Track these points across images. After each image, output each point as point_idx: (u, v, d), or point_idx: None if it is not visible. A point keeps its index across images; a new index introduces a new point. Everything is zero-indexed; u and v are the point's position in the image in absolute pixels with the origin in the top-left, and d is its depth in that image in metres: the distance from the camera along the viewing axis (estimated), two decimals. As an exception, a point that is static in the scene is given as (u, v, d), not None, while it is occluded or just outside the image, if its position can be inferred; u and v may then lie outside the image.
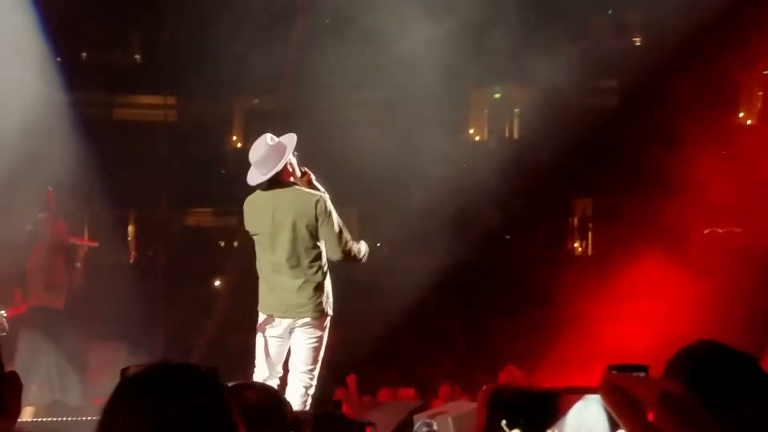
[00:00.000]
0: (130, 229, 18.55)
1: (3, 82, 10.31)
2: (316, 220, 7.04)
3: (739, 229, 14.39)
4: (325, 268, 7.23)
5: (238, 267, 15.91)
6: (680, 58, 13.51)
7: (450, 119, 15.18)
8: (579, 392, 1.04)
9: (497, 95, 18.14)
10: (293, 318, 7.29)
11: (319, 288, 7.20)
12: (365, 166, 13.69)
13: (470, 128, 18.42)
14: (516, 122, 18.20)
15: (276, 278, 7.49)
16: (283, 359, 7.45)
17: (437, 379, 11.31)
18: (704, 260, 12.38)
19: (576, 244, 17.79)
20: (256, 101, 19.57)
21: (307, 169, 7.39)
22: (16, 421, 2.02)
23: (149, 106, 18.58)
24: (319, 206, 7.01)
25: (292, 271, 7.27)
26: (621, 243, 13.15)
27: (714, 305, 10.73)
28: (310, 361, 7.32)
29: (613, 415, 0.95)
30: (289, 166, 7.15)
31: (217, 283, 16.77)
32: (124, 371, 2.03)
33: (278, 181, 7.14)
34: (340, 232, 7.12)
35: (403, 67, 13.77)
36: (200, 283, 16.57)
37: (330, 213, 7.07)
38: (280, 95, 16.32)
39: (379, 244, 17.48)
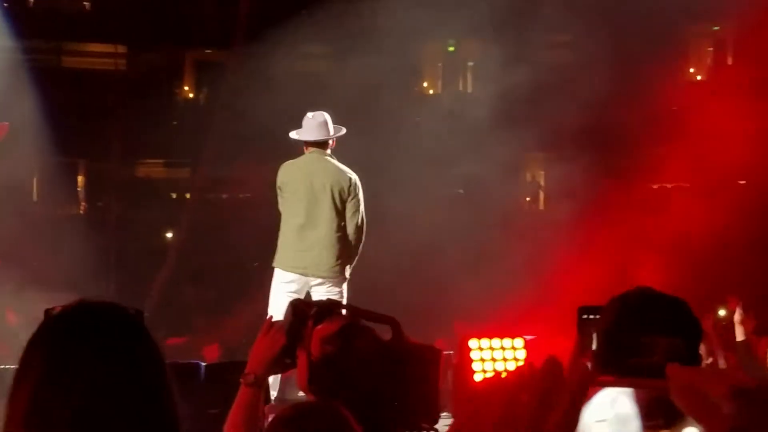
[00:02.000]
0: (80, 179, 18.34)
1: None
2: (348, 193, 7.83)
3: (688, 184, 14.53)
4: (349, 235, 7.93)
5: (191, 219, 15.85)
6: (631, 14, 13.52)
7: (403, 73, 15.13)
8: (647, 387, 0.98)
9: (451, 48, 18.08)
10: (312, 276, 7.80)
11: (341, 250, 7.81)
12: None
13: (424, 82, 18.38)
14: (469, 76, 18.18)
15: (301, 237, 7.96)
16: None
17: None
18: (653, 215, 12.49)
19: (528, 199, 17.89)
20: (208, 51, 19.37)
21: None
22: None
23: (99, 54, 18.32)
24: (353, 183, 7.86)
25: (317, 232, 7.85)
26: (572, 198, 13.20)
27: (662, 256, 10.86)
28: None
29: (687, 413, 0.88)
30: (333, 142, 8.01)
31: (169, 235, 16.68)
32: (48, 311, 2.01)
33: (322, 149, 7.91)
34: (361, 213, 7.96)
35: (356, 20, 13.68)
36: (151, 234, 16.47)
37: (359, 192, 7.94)
38: (233, 43, 16.14)
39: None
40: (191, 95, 19.99)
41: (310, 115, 8.03)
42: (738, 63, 16.69)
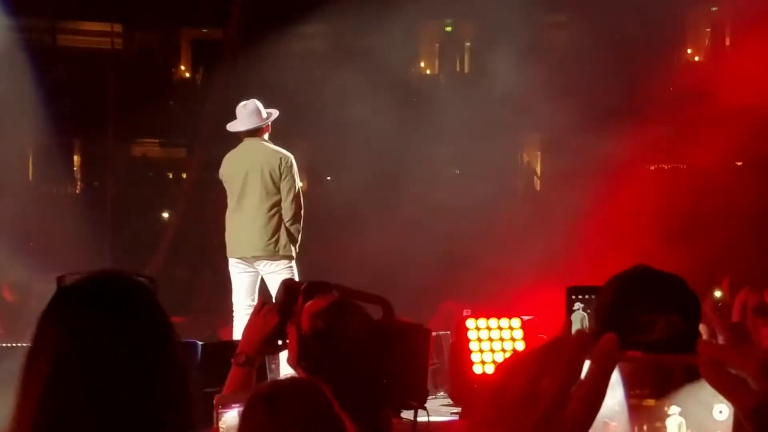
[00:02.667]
0: (76, 159, 18.30)
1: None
2: (281, 173, 7.96)
3: (684, 166, 14.51)
4: (284, 214, 8.05)
5: (187, 199, 15.83)
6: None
7: (401, 53, 15.09)
8: (676, 363, 0.96)
9: (448, 29, 18.03)
10: (250, 257, 7.98)
11: (274, 229, 7.96)
12: (313, 100, 13.58)
13: (421, 62, 18.34)
14: (467, 57, 18.14)
15: (234, 221, 8.16)
16: (255, 292, 8.06)
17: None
18: (650, 196, 12.47)
19: (529, 180, 17.85)
20: (204, 31, 19.31)
21: None
22: None
23: (95, 33, 18.26)
24: (284, 162, 7.97)
25: (245, 214, 8.03)
26: (570, 178, 13.16)
27: (659, 238, 10.85)
28: None
29: (716, 389, 0.87)
30: (267, 127, 8.16)
31: (165, 215, 16.66)
32: (59, 279, 2.03)
33: (257, 136, 8.07)
34: (296, 191, 8.10)
35: (352, 1, 13.64)
36: (147, 214, 16.46)
37: (293, 171, 8.06)
38: (230, 24, 16.09)
39: (329, 178, 17.45)
40: (187, 74, 19.94)
41: (242, 104, 8.18)
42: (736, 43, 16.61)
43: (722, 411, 0.95)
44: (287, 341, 3.13)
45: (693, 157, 13.59)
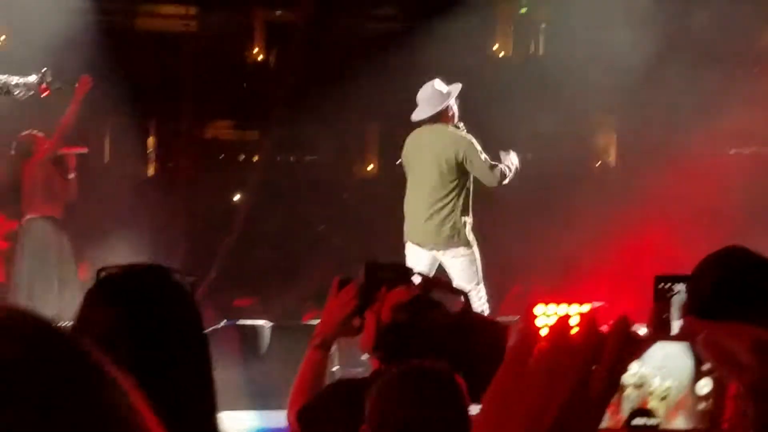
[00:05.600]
0: (150, 140, 18.51)
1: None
2: (462, 159, 7.89)
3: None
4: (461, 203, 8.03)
5: (258, 181, 15.95)
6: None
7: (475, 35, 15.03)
8: (670, 339, 0.94)
9: (523, 10, 17.87)
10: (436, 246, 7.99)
11: (456, 219, 7.94)
12: (385, 82, 13.56)
13: (495, 44, 18.20)
14: (542, 38, 17.97)
15: (415, 209, 8.22)
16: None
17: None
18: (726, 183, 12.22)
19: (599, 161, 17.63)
20: (278, 13, 19.38)
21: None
22: None
23: (170, 15, 18.42)
24: (463, 147, 7.91)
25: (424, 203, 8.06)
26: (647, 156, 12.92)
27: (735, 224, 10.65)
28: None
29: (716, 366, 0.88)
30: (449, 110, 8.04)
31: (236, 197, 16.81)
32: (99, 272, 2.14)
33: (437, 121, 8.04)
34: (487, 164, 8.02)
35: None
36: (221, 196, 16.62)
37: (472, 154, 7.94)
38: (302, 7, 16.13)
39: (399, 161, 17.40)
40: (260, 57, 20.02)
41: (421, 89, 8.15)
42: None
43: (705, 385, 0.94)
44: (364, 325, 3.14)
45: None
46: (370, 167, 18.74)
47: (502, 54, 18.16)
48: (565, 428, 0.84)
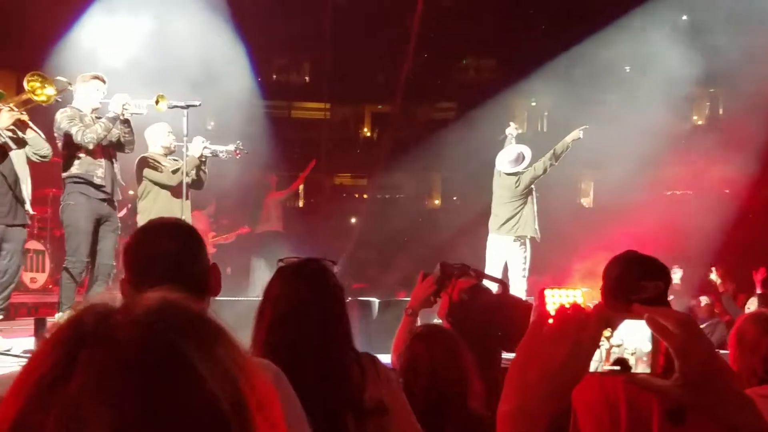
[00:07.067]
0: (301, 186, 18.77)
1: (230, 93, 10.53)
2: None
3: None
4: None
5: (367, 210, 16.01)
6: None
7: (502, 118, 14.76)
8: (634, 317, 0.93)
9: (533, 102, 17.65)
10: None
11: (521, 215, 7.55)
12: (445, 148, 13.44)
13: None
14: (546, 121, 17.67)
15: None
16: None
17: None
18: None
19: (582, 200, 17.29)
20: (379, 107, 19.52)
21: None
22: (213, 298, 2.04)
23: (314, 109, 18.68)
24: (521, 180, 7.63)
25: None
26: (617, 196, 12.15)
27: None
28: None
29: (656, 334, 0.89)
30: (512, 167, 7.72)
31: (353, 220, 16.89)
32: (279, 261, 2.10)
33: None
34: (527, 181, 7.63)
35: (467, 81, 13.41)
36: (342, 219, 16.72)
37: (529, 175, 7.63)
38: (395, 102, 16.21)
39: (454, 197, 17.27)
40: (368, 134, 20.15)
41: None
42: None
43: (648, 345, 0.94)
44: (438, 300, 3.11)
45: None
46: (436, 201, 18.69)
47: (519, 131, 17.95)
48: (566, 370, 0.84)
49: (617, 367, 0.90)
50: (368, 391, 1.95)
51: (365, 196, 18.01)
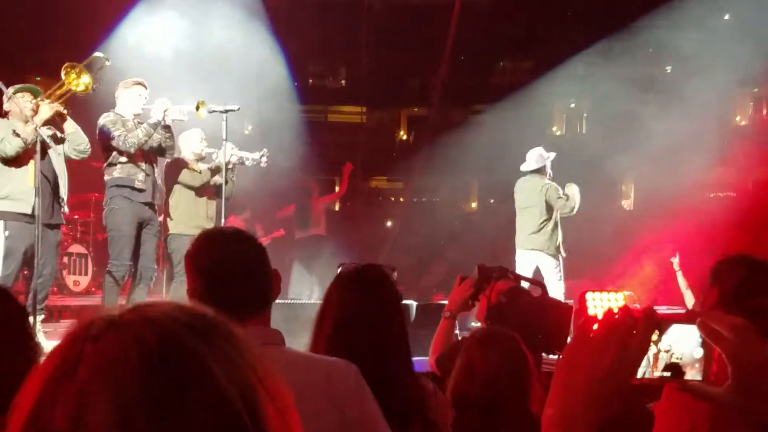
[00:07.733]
0: (336, 188, 18.84)
1: (270, 99, 10.74)
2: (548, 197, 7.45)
3: None
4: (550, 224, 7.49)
5: (403, 214, 16.00)
6: None
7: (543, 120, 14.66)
8: (681, 322, 0.89)
9: (573, 105, 17.46)
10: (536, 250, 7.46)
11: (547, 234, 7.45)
12: (480, 151, 13.35)
13: (554, 126, 17.83)
14: (585, 123, 17.47)
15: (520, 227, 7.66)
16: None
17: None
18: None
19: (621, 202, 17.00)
20: (415, 110, 19.50)
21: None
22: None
23: (350, 113, 18.74)
24: (544, 190, 7.48)
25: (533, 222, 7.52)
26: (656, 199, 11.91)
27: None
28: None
29: (709, 340, 0.85)
30: (542, 168, 7.63)
31: (389, 223, 16.89)
32: (339, 266, 2.35)
33: (537, 173, 7.60)
34: (562, 201, 7.44)
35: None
36: (380, 222, 16.74)
37: (546, 193, 7.45)
38: (431, 105, 16.20)
39: (491, 201, 17.18)
40: (405, 137, 20.14)
41: (531, 151, 7.72)
42: None
43: (700, 351, 0.89)
44: (476, 303, 3.09)
45: None
46: (473, 205, 18.58)
47: (558, 133, 17.77)
48: (613, 376, 0.81)
49: (668, 373, 0.87)
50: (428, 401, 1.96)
51: (401, 199, 17.99)
